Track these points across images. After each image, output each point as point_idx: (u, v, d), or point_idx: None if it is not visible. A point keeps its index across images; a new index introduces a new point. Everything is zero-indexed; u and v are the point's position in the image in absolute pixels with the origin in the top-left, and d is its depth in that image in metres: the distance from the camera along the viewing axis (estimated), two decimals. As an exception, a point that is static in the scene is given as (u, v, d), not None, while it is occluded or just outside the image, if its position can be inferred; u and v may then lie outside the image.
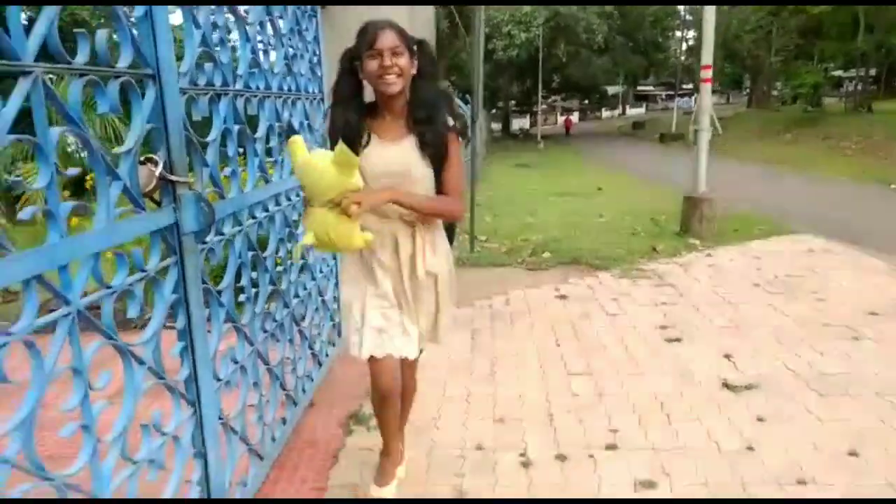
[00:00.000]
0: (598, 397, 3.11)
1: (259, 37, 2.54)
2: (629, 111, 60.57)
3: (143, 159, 1.62)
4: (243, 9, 2.39)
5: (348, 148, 1.72)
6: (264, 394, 2.55)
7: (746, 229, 7.19)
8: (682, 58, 40.61)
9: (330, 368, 3.47)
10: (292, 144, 1.79)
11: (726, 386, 3.17)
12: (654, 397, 3.08)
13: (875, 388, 3.09)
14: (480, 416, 2.97)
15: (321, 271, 3.41)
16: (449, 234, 2.24)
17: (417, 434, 2.73)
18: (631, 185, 12.81)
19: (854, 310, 4.25)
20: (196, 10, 1.91)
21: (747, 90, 42.48)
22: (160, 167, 1.64)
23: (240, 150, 2.31)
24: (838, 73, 33.28)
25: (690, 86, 41.07)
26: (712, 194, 6.99)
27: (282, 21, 2.82)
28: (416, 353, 2.19)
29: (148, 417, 1.75)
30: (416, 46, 1.96)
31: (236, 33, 2.35)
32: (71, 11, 15.67)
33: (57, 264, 1.33)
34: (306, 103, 3.15)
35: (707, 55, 7.14)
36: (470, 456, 2.62)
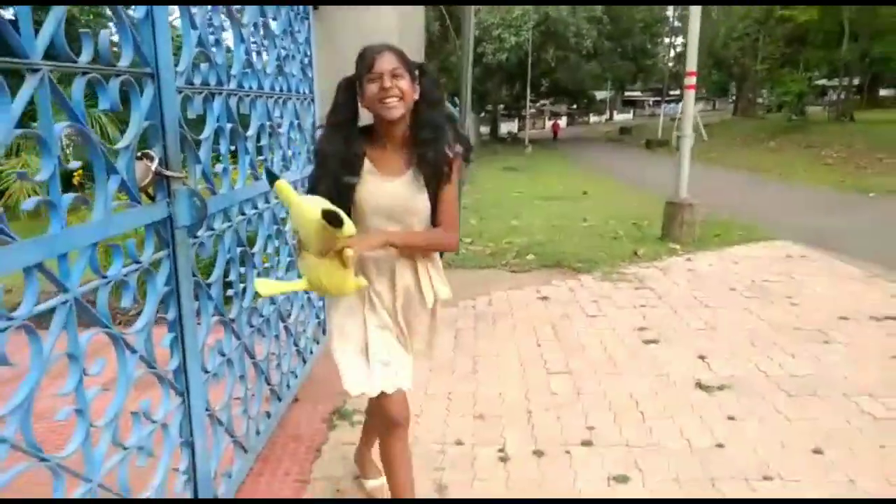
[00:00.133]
0: (575, 396, 3.20)
1: (252, 38, 2.60)
2: (617, 116, 61.13)
3: (139, 155, 1.69)
4: (237, 9, 2.45)
5: (339, 194, 1.73)
6: (250, 387, 2.61)
7: (727, 235, 7.33)
8: (671, 64, 41.04)
9: (314, 366, 3.53)
10: (280, 191, 1.72)
11: (700, 386, 3.28)
12: (629, 396, 3.17)
13: (843, 389, 3.21)
14: (461, 412, 3.04)
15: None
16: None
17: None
18: (616, 190, 12.95)
19: (826, 315, 4.38)
20: (193, 12, 1.97)
21: (733, 97, 42.98)
22: (156, 163, 1.70)
23: (231, 148, 2.37)
24: (822, 81, 33.75)
25: (678, 92, 41.38)
26: (694, 200, 7.12)
27: (275, 22, 2.88)
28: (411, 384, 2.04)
29: (138, 406, 1.81)
30: (417, 71, 1.87)
31: (230, 34, 2.42)
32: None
33: (57, 253, 1.39)
34: (297, 103, 3.21)
35: (691, 62, 7.28)
36: (450, 451, 2.69)
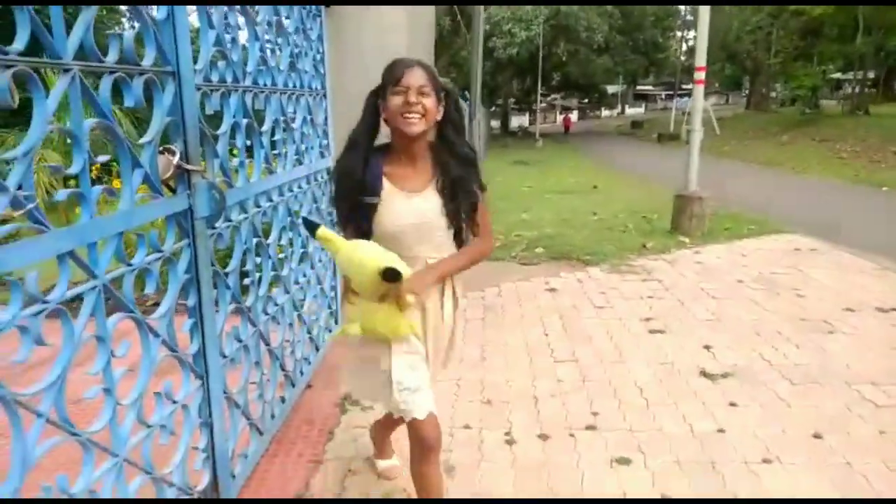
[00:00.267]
0: (581, 383, 3.27)
1: (267, 36, 2.70)
2: (628, 111, 60.77)
3: (161, 149, 1.78)
4: (253, 9, 2.54)
5: (361, 215, 1.78)
6: (265, 373, 2.71)
7: (737, 228, 7.35)
8: (683, 58, 40.74)
9: (327, 353, 3.63)
10: (324, 241, 1.72)
11: (703, 374, 3.34)
12: (634, 384, 3.25)
13: (844, 378, 3.26)
14: (469, 398, 3.13)
15: (320, 260, 3.57)
16: None
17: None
18: (626, 184, 12.97)
19: (832, 306, 4.43)
20: (211, 12, 2.07)
21: (746, 91, 42.64)
22: (177, 157, 1.80)
23: (247, 142, 2.47)
24: (837, 75, 33.44)
25: (690, 86, 41.13)
26: (703, 193, 7.15)
27: (288, 20, 2.97)
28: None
29: (160, 387, 1.92)
30: (443, 93, 1.85)
31: (245, 32, 2.51)
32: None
33: (87, 241, 1.49)
34: (310, 99, 3.30)
35: (700, 57, 7.31)
36: (458, 434, 2.78)
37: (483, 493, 2.38)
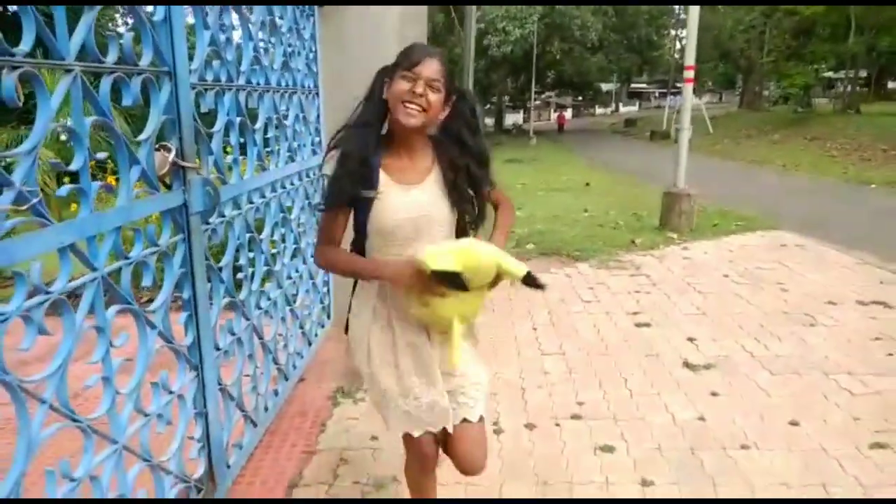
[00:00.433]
0: (567, 374, 3.36)
1: (261, 35, 2.76)
2: (622, 108, 60.97)
3: (157, 146, 1.85)
4: (247, 9, 2.61)
5: (357, 209, 1.72)
6: (259, 366, 2.77)
7: (725, 224, 7.46)
8: (677, 56, 40.88)
9: (319, 348, 3.70)
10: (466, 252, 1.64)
11: (687, 365, 3.44)
12: (619, 375, 3.34)
13: (823, 368, 3.36)
14: (459, 390, 3.20)
15: (312, 256, 3.63)
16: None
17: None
18: (619, 182, 13.07)
19: (815, 300, 4.53)
20: (206, 13, 2.13)
21: (740, 90, 42.83)
22: (173, 154, 1.87)
23: (240, 140, 2.53)
24: (830, 74, 33.60)
25: (683, 84, 41.31)
26: (691, 190, 7.25)
27: (281, 20, 3.03)
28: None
29: (157, 378, 1.99)
30: (457, 94, 1.75)
31: (239, 32, 2.58)
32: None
33: (86, 235, 1.55)
34: (302, 97, 3.37)
35: (690, 56, 7.41)
36: (447, 424, 2.86)
37: (470, 480, 2.45)
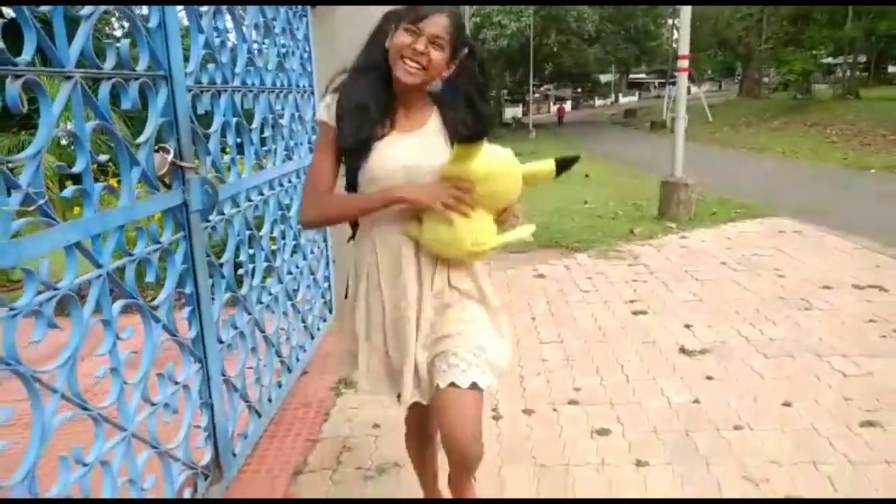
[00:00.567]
0: (565, 362, 3.43)
1: (255, 37, 2.82)
2: (622, 99, 60.88)
3: (156, 148, 1.92)
4: (240, 10, 2.67)
5: (359, 151, 1.60)
6: (262, 359, 2.85)
7: (723, 212, 7.50)
8: (674, 45, 40.76)
9: (321, 342, 3.77)
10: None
11: (683, 351, 3.50)
12: (615, 361, 3.40)
13: (817, 351, 3.42)
14: (458, 379, 3.27)
15: (312, 252, 3.71)
16: None
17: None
18: (618, 173, 13.11)
19: (811, 284, 4.58)
20: (200, 16, 2.20)
21: (739, 77, 42.74)
22: (171, 154, 1.93)
23: (237, 140, 2.60)
24: (829, 60, 33.51)
25: (682, 73, 41.20)
26: (689, 179, 7.29)
27: (275, 21, 3.09)
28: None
29: (163, 369, 2.06)
30: (467, 50, 1.63)
31: (233, 34, 2.64)
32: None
33: (91, 234, 1.62)
34: (297, 97, 3.43)
35: (684, 46, 7.44)
36: (447, 412, 2.93)
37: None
